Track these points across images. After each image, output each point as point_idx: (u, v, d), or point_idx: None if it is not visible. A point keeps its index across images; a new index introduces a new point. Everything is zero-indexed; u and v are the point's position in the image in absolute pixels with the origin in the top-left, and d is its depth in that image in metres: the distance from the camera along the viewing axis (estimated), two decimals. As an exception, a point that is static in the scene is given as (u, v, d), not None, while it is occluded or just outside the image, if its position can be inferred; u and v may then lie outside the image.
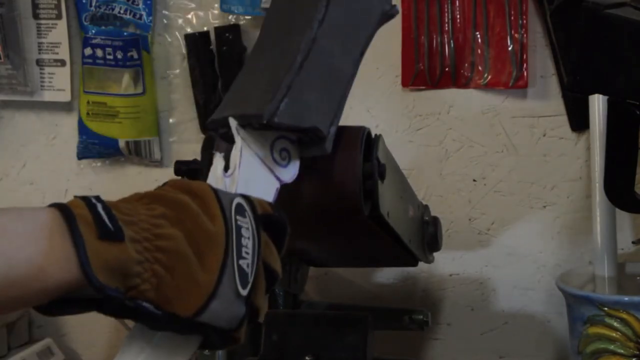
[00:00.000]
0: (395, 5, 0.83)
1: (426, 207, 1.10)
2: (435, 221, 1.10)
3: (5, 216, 0.56)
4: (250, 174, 0.71)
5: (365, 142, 0.83)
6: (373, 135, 0.85)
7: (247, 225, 0.63)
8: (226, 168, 0.71)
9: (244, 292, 0.62)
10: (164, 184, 0.66)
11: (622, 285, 1.17)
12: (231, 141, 0.73)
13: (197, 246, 0.60)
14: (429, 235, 1.09)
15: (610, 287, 1.15)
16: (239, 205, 0.64)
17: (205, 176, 0.73)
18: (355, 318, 1.04)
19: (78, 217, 0.56)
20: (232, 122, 0.72)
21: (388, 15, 0.82)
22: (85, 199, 0.58)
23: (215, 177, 0.70)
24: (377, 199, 0.84)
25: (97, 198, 0.58)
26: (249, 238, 0.63)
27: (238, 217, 0.63)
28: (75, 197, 0.58)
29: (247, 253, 0.63)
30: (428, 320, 1.13)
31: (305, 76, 0.73)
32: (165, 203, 0.61)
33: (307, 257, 1.11)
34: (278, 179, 0.74)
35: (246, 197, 0.66)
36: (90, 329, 1.43)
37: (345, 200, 0.84)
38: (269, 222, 0.66)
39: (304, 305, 1.18)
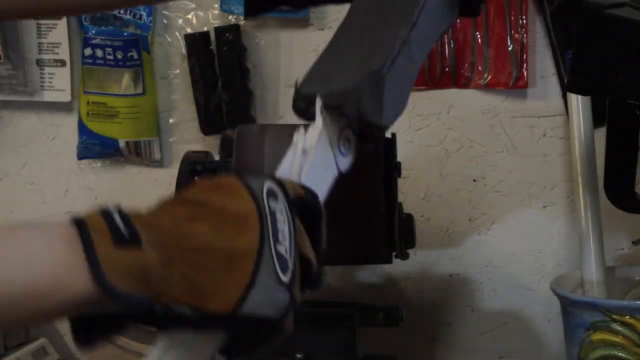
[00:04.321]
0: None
1: (400, 205, 1.11)
2: (409, 218, 1.10)
3: (22, 230, 0.55)
4: (321, 157, 0.70)
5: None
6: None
7: (280, 208, 0.60)
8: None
9: (285, 279, 0.59)
10: (192, 185, 0.63)
11: (611, 288, 1.16)
12: (307, 117, 0.71)
13: (228, 238, 0.58)
14: (405, 232, 1.09)
15: (599, 291, 1.14)
16: (270, 190, 0.61)
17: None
18: (342, 315, 1.05)
19: (91, 227, 0.55)
20: (318, 102, 0.70)
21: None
22: (103, 209, 0.57)
23: (295, 154, 0.69)
24: (396, 195, 0.85)
25: (117, 206, 0.57)
26: (284, 222, 0.60)
27: (271, 201, 0.60)
28: (96, 207, 0.57)
29: (283, 238, 0.60)
30: (403, 316, 1.13)
31: (393, 71, 0.72)
32: (186, 205, 0.59)
33: None
34: (338, 167, 0.73)
35: (277, 181, 0.63)
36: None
37: (367, 197, 0.85)
38: (302, 207, 0.63)
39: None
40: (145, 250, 0.55)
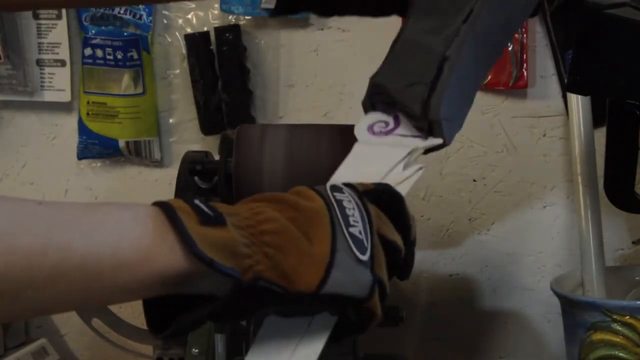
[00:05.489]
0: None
1: None
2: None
3: (109, 205, 0.57)
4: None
5: None
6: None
7: (347, 198, 0.64)
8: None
9: (364, 258, 0.61)
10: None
11: (611, 288, 1.16)
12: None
13: (302, 226, 0.61)
14: None
15: (599, 291, 1.14)
16: (332, 186, 0.65)
17: (221, 176, 0.72)
18: None
19: (177, 208, 0.57)
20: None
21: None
22: (183, 199, 0.59)
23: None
24: None
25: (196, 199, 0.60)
26: (353, 208, 0.63)
27: (335, 194, 0.64)
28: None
29: (355, 221, 0.62)
30: (403, 316, 1.13)
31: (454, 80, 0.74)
32: (261, 200, 0.63)
33: None
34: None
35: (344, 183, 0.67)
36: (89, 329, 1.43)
37: None
38: (379, 196, 0.66)
39: None
40: (230, 228, 0.58)
